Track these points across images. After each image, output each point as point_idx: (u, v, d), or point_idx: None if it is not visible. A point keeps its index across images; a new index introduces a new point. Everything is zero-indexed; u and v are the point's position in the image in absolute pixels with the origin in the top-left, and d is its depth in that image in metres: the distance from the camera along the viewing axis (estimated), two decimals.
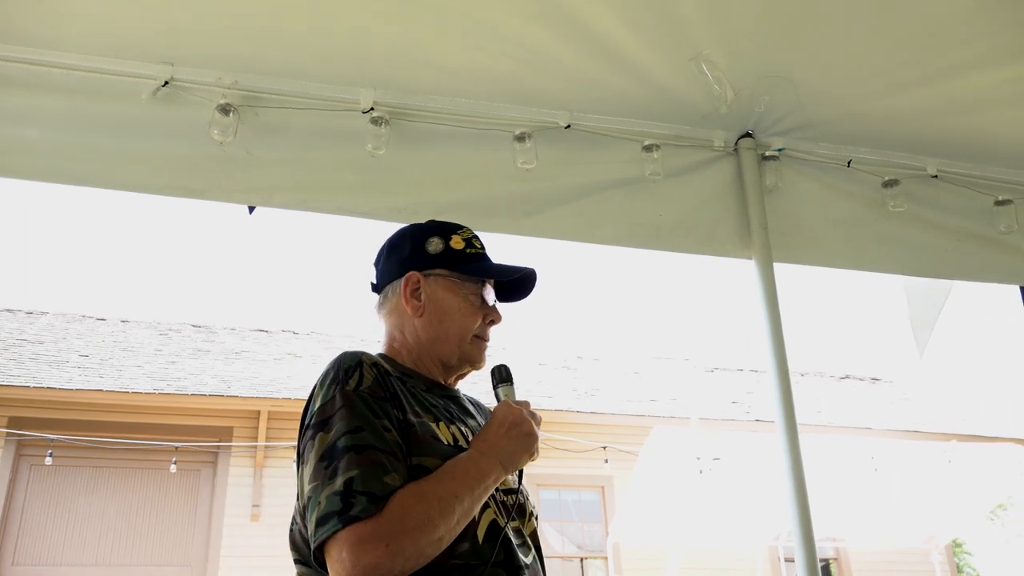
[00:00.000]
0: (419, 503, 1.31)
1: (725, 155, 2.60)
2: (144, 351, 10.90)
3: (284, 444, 9.33)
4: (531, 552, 1.49)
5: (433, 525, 1.30)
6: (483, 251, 1.69)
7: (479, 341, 1.63)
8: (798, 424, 2.32)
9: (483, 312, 1.63)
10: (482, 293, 1.64)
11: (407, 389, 1.50)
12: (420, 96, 2.31)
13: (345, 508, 1.28)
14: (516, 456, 1.44)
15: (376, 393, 1.42)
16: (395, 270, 1.66)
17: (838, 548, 11.18)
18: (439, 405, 1.55)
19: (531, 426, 1.47)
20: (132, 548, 8.94)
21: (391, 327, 1.66)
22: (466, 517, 1.36)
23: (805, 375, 14.10)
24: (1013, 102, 2.46)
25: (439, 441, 1.44)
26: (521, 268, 1.67)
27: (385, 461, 1.33)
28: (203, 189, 2.19)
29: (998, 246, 2.77)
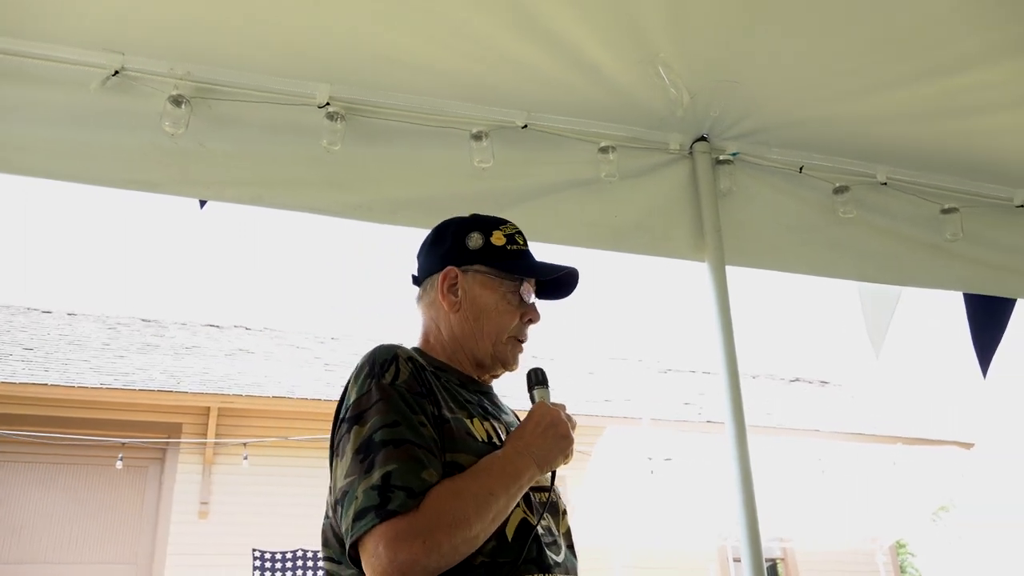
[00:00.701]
0: (455, 500, 1.30)
1: (680, 158, 2.62)
2: (91, 345, 10.69)
3: (234, 441, 9.21)
4: (563, 550, 1.49)
5: (469, 522, 1.29)
6: (525, 248, 1.67)
7: (515, 342, 1.62)
8: (748, 425, 2.35)
9: (521, 311, 1.62)
10: (521, 292, 1.62)
11: (441, 384, 1.49)
12: (377, 92, 2.30)
13: (383, 503, 1.27)
14: (551, 456, 1.44)
15: (412, 388, 1.41)
16: (435, 264, 1.65)
17: (785, 548, 11.33)
18: (473, 401, 1.54)
19: (567, 428, 1.47)
20: (76, 546, 8.76)
21: (428, 321, 1.64)
22: (501, 515, 1.35)
23: (756, 377, 14.28)
24: (959, 113, 2.51)
25: (473, 438, 1.43)
26: (562, 267, 1.65)
27: (422, 456, 1.33)
28: (153, 182, 2.15)
29: (943, 253, 2.83)
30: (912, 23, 2.19)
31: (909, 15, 2.17)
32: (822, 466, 9.95)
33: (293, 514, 9.12)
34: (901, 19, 2.18)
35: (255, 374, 10.40)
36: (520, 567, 1.37)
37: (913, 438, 11.54)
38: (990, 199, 2.88)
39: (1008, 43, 2.25)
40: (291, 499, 9.27)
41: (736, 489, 2.28)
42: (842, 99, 2.47)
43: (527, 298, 1.62)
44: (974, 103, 2.47)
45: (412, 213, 2.33)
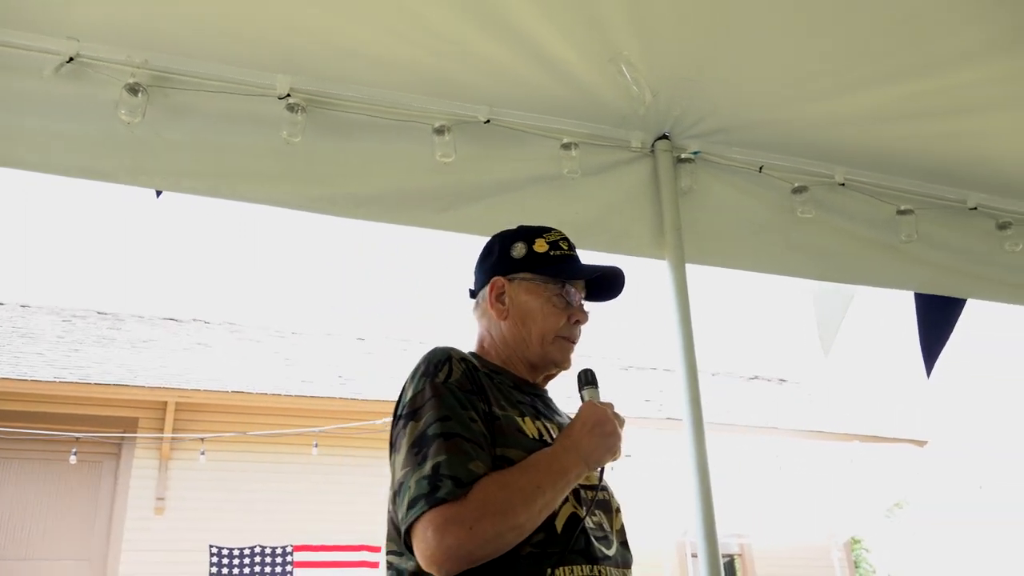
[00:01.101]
0: (502, 491, 1.38)
1: (642, 156, 2.63)
2: (45, 338, 10.49)
3: (192, 436, 9.10)
4: (614, 546, 1.54)
5: (515, 512, 1.36)
6: (569, 252, 1.74)
7: (563, 342, 1.69)
8: (706, 422, 2.36)
9: (567, 312, 1.69)
10: (565, 294, 1.69)
11: (494, 384, 1.57)
12: (339, 84, 2.28)
13: (432, 491, 1.35)
14: (598, 453, 1.49)
15: (464, 386, 1.50)
16: (484, 276, 1.75)
17: (743, 544, 11.46)
18: (525, 401, 1.62)
19: (614, 426, 1.52)
20: (28, 542, 8.60)
21: (482, 329, 1.74)
22: (547, 508, 1.41)
23: (716, 375, 14.40)
24: (916, 116, 2.55)
25: (523, 434, 1.51)
26: (602, 267, 1.73)
27: (470, 449, 1.41)
28: (108, 171, 2.11)
29: (898, 254, 2.87)
30: (871, 29, 2.23)
31: (868, 22, 2.20)
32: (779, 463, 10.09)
33: (251, 510, 9.04)
34: (861, 25, 2.22)
35: (213, 368, 10.28)
36: (567, 557, 1.43)
37: (868, 436, 11.73)
38: (944, 201, 2.93)
39: (963, 51, 2.29)
40: (249, 495, 9.19)
41: (693, 485, 2.29)
42: (802, 101, 2.50)
43: (572, 300, 1.70)
44: (930, 107, 2.52)
45: (374, 207, 2.32)
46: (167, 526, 8.91)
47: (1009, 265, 3.01)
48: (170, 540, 8.74)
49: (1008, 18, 2.20)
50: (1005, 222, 3.00)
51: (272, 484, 9.29)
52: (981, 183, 2.92)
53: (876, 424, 12.73)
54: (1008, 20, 2.20)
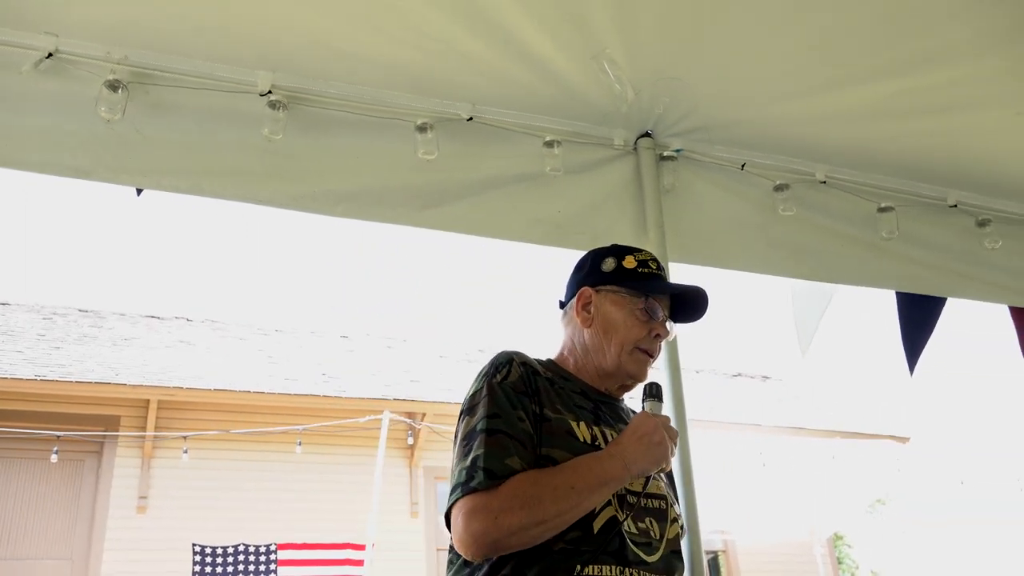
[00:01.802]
0: (532, 487, 1.46)
1: (624, 154, 2.63)
2: (26, 336, 10.40)
3: (174, 434, 9.05)
4: (658, 553, 1.58)
5: (542, 508, 1.44)
6: (657, 271, 1.81)
7: (640, 354, 1.75)
8: (690, 419, 2.37)
9: (649, 326, 1.75)
10: (649, 308, 1.75)
11: (555, 389, 1.66)
12: (320, 81, 2.27)
13: (468, 480, 1.47)
14: (643, 462, 1.53)
15: (518, 387, 1.59)
16: (575, 287, 1.84)
17: (726, 541, 11.51)
18: (587, 407, 1.68)
19: (662, 437, 1.55)
20: (8, 540, 8.54)
21: (566, 337, 1.83)
22: (580, 509, 1.47)
23: (700, 372, 14.45)
24: (897, 114, 2.57)
25: (573, 437, 1.58)
26: (685, 286, 1.80)
27: (510, 445, 1.51)
28: (87, 169, 2.08)
29: (879, 252, 2.89)
30: (852, 28, 2.24)
31: (849, 20, 2.22)
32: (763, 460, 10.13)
33: (234, 508, 9.01)
34: (842, 24, 2.23)
35: (196, 366, 10.23)
36: (598, 557, 1.49)
37: (851, 432, 11.80)
38: (924, 198, 2.95)
39: (944, 49, 2.30)
40: (232, 493, 9.16)
41: (677, 483, 2.30)
42: (784, 99, 2.51)
43: (655, 314, 1.76)
44: (911, 105, 2.53)
45: (355, 204, 2.31)
46: (150, 525, 8.86)
47: (989, 263, 3.03)
48: (153, 539, 8.69)
49: (989, 17, 2.21)
50: (984, 219, 3.02)
51: (256, 482, 9.25)
52: (961, 180, 2.94)
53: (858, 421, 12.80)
54: (989, 19, 2.22)
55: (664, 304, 1.79)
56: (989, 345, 9.93)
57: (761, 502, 10.16)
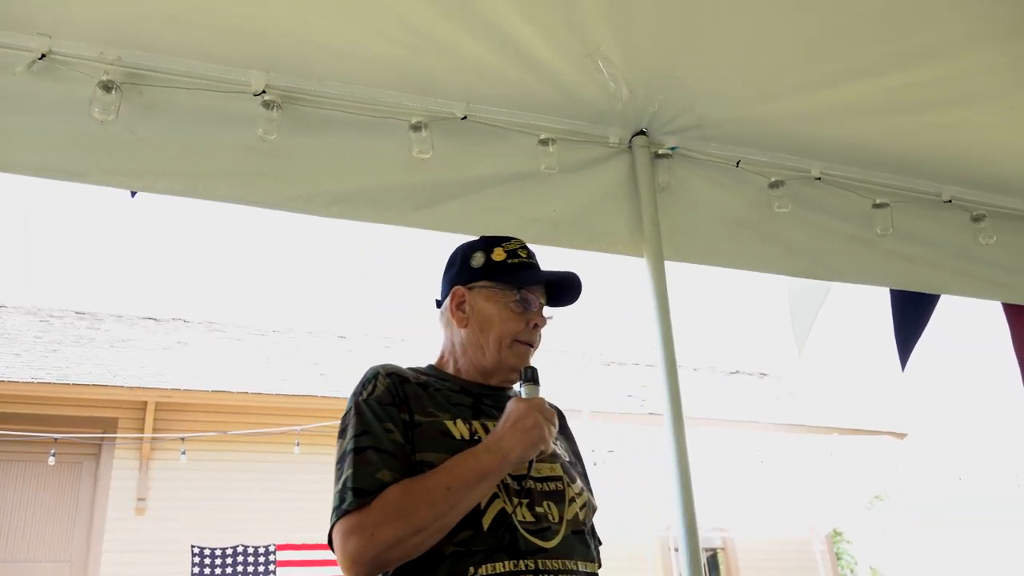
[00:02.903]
0: (405, 496, 1.46)
1: (619, 152, 2.63)
2: (23, 338, 10.39)
3: (172, 436, 9.05)
4: (558, 536, 1.56)
5: (417, 515, 1.44)
6: (527, 260, 1.81)
7: (519, 346, 1.75)
8: (688, 417, 2.37)
9: (525, 318, 1.75)
10: (523, 300, 1.75)
11: (428, 392, 1.65)
12: (314, 80, 2.26)
13: (339, 503, 1.48)
14: (518, 449, 1.52)
15: (384, 400, 1.59)
16: (447, 287, 1.83)
17: (725, 538, 11.52)
18: (466, 403, 1.68)
19: (535, 419, 1.54)
20: (6, 543, 8.53)
21: (445, 339, 1.82)
22: (458, 508, 1.46)
23: (697, 370, 14.46)
24: (891, 110, 2.57)
25: (449, 437, 1.58)
26: (556, 273, 1.79)
27: (378, 460, 1.51)
28: (82, 171, 2.08)
29: (874, 248, 2.89)
30: (846, 24, 2.24)
31: (843, 16, 2.21)
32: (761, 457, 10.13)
33: (232, 509, 9.00)
34: (836, 19, 2.23)
35: (193, 367, 10.22)
36: (491, 555, 1.47)
37: (849, 429, 11.81)
38: (919, 194, 2.95)
39: (938, 45, 2.31)
40: (230, 495, 9.15)
41: (674, 480, 2.30)
42: (779, 96, 2.51)
43: (530, 305, 1.75)
44: (906, 101, 2.53)
45: (350, 206, 2.30)
46: (148, 527, 8.85)
47: (983, 259, 3.03)
48: (151, 540, 8.68)
49: (983, 12, 2.21)
50: (979, 215, 3.02)
51: (254, 483, 9.25)
52: (956, 176, 2.94)
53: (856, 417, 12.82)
54: (983, 14, 2.22)
55: (539, 292, 1.79)
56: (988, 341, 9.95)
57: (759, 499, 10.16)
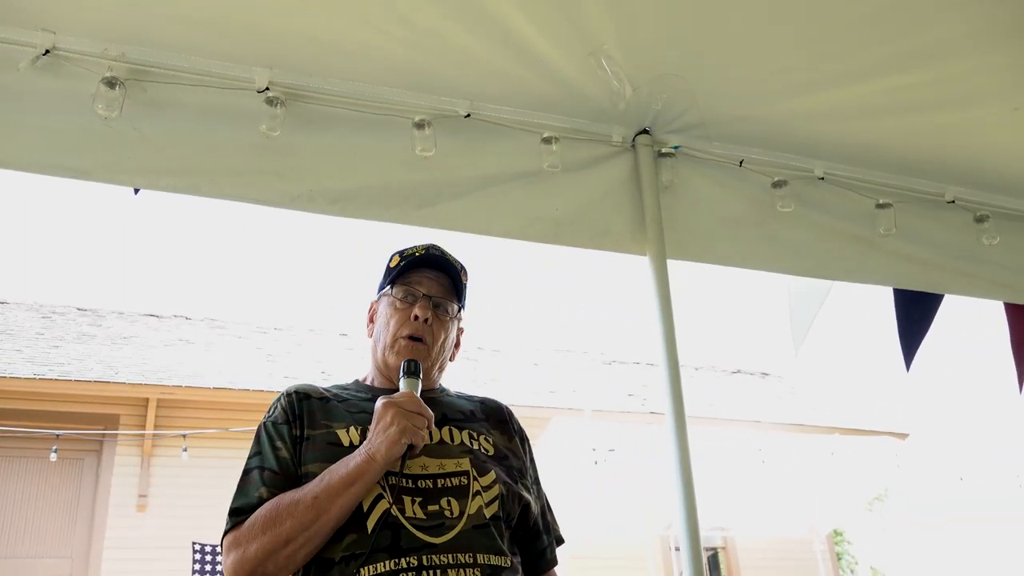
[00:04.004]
0: (272, 510, 1.53)
1: (623, 151, 2.63)
2: (24, 335, 10.41)
3: (173, 432, 9.06)
4: (454, 531, 1.55)
5: (282, 527, 1.50)
6: (416, 256, 1.85)
7: (403, 342, 1.77)
8: (689, 416, 2.37)
9: (408, 312, 1.79)
10: (405, 294, 1.81)
11: (330, 405, 1.71)
12: (318, 78, 2.26)
13: (226, 524, 1.58)
14: (383, 448, 1.53)
15: (279, 420, 1.69)
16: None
17: (726, 538, 11.52)
18: (370, 410, 1.64)
19: (392, 415, 1.55)
20: (9, 539, 8.55)
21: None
22: (327, 515, 1.50)
23: (699, 369, 14.46)
24: (896, 110, 2.56)
25: (336, 446, 1.62)
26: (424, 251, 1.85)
27: (260, 478, 1.60)
28: (85, 169, 2.07)
29: (877, 248, 2.88)
30: (850, 23, 2.23)
31: (847, 16, 2.21)
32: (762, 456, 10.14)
33: None
34: (840, 19, 2.22)
35: (195, 364, 10.23)
36: (372, 556, 1.49)
37: (850, 429, 11.80)
38: (922, 194, 2.95)
39: (941, 44, 2.30)
40: (232, 492, 9.14)
41: (675, 479, 2.30)
42: (783, 95, 2.50)
43: (410, 297, 1.80)
44: (909, 101, 2.53)
45: (352, 204, 2.30)
46: (150, 523, 8.87)
47: (986, 259, 3.03)
48: (153, 537, 8.70)
49: (986, 12, 2.21)
50: (983, 215, 3.01)
51: None
52: (959, 176, 2.94)
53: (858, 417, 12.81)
54: (986, 14, 2.22)
55: (426, 284, 1.82)
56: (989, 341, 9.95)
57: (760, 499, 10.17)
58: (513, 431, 1.87)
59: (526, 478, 1.79)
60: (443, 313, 1.82)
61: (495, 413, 1.88)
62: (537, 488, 1.84)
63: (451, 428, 1.74)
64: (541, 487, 1.88)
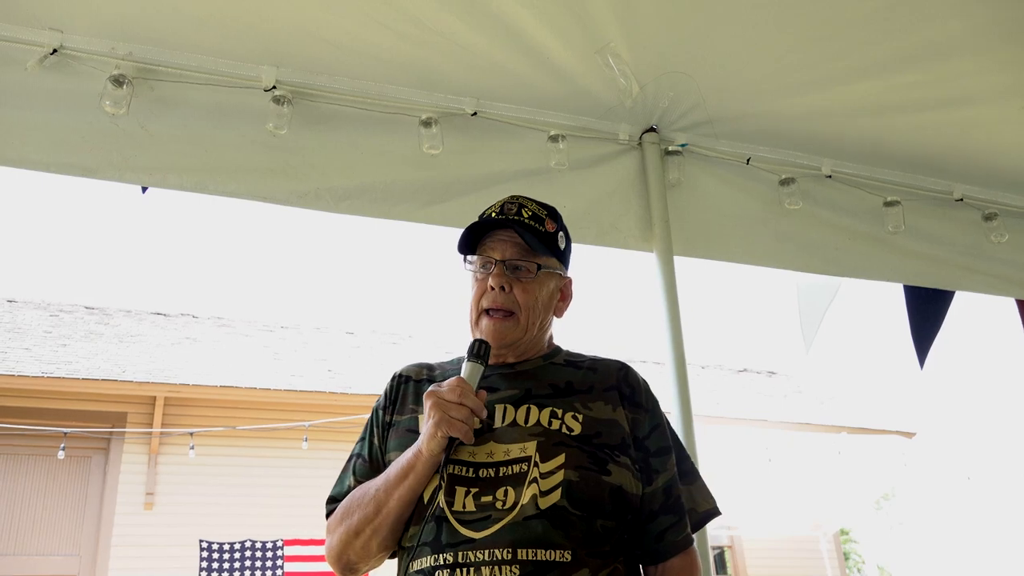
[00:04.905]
0: (348, 501, 1.58)
1: (630, 148, 2.63)
2: (33, 333, 10.44)
3: (180, 431, 9.08)
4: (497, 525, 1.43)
5: (351, 519, 1.54)
6: (484, 217, 1.68)
7: (483, 318, 1.62)
8: (696, 415, 2.37)
9: (483, 280, 1.63)
10: (482, 263, 1.65)
11: (423, 388, 1.63)
12: (325, 76, 2.26)
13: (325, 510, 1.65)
14: (425, 442, 1.47)
15: (379, 405, 1.68)
16: None
17: (732, 536, 11.50)
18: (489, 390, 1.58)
19: (432, 408, 1.46)
20: (16, 537, 8.58)
21: None
22: (388, 508, 1.50)
23: (705, 368, 14.45)
24: (903, 107, 2.56)
25: (414, 432, 1.57)
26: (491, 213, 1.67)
27: (355, 465, 1.64)
28: (93, 167, 2.08)
29: (885, 246, 2.88)
30: (857, 21, 2.23)
31: (854, 13, 2.21)
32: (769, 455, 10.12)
33: (240, 504, 9.03)
34: (847, 16, 2.22)
35: (202, 363, 10.25)
36: (421, 550, 1.46)
37: (857, 427, 11.78)
38: (930, 192, 2.94)
39: (948, 42, 2.30)
40: (238, 489, 9.18)
41: None
42: (789, 93, 2.50)
43: (482, 267, 1.64)
44: (916, 99, 2.52)
45: (359, 202, 2.30)
46: (157, 521, 8.89)
47: (995, 257, 3.02)
48: (160, 535, 8.72)
49: (993, 9, 2.20)
50: (991, 213, 3.01)
51: (262, 478, 9.27)
52: (967, 174, 2.93)
53: (865, 416, 12.79)
54: (993, 11, 2.21)
55: (507, 245, 1.64)
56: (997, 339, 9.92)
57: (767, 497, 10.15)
58: (622, 397, 1.64)
59: (627, 454, 1.57)
60: (525, 275, 1.64)
61: (604, 379, 1.67)
62: (663, 460, 1.61)
63: (530, 406, 1.57)
64: (671, 458, 1.64)
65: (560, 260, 1.71)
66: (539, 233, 1.65)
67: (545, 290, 1.67)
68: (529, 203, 1.70)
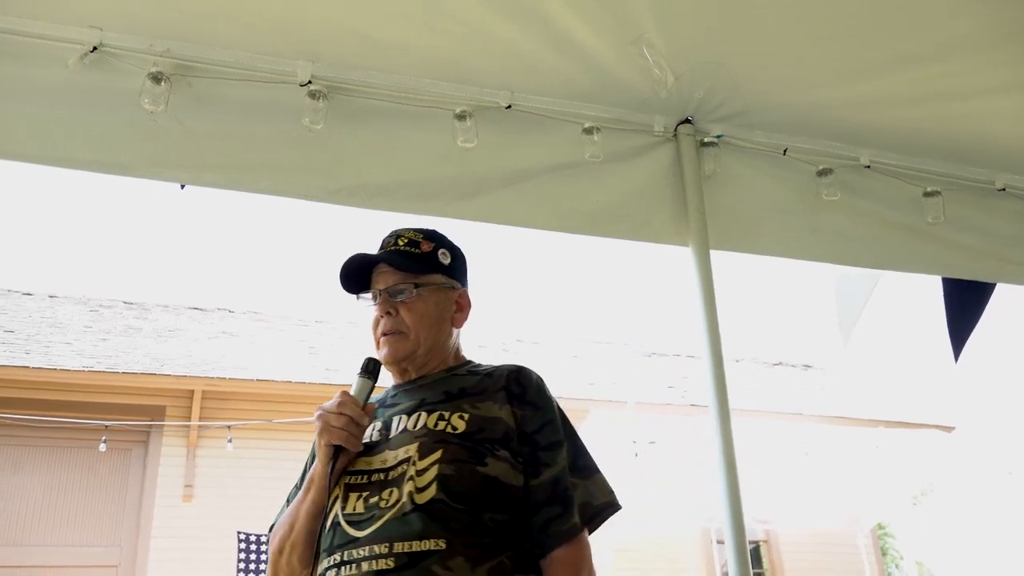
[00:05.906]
0: (276, 525, 1.73)
1: (664, 140, 2.60)
2: (73, 328, 10.61)
3: (218, 424, 9.19)
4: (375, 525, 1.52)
5: (275, 539, 1.68)
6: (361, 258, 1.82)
7: (387, 339, 1.77)
8: (731, 409, 2.35)
9: (375, 315, 1.80)
10: (371, 300, 1.81)
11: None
12: (359, 71, 2.27)
13: None
14: (317, 450, 1.65)
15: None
16: None
17: (768, 531, 11.42)
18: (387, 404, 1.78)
19: (317, 419, 1.64)
20: (58, 528, 8.74)
21: None
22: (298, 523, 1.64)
23: (740, 361, 14.33)
24: (943, 97, 2.51)
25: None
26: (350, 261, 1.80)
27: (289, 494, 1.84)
28: (131, 165, 2.10)
29: (925, 237, 2.83)
30: (895, 9, 2.19)
31: (893, 1, 2.17)
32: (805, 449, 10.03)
33: (278, 496, 9.02)
34: (884, 5, 2.18)
35: (239, 357, 10.36)
36: (319, 556, 1.59)
37: (894, 421, 11.63)
38: (972, 182, 2.88)
39: (990, 29, 2.25)
40: (276, 482, 9.21)
41: (719, 472, 2.28)
42: (826, 82, 2.47)
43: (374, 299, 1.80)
44: (957, 87, 2.47)
45: (393, 198, 2.31)
46: (195, 513, 9.01)
47: None
48: (199, 526, 8.84)
49: None
50: None
51: (298, 471, 9.33)
52: (1010, 164, 2.87)
53: (902, 410, 12.62)
54: None
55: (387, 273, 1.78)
56: None
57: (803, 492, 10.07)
58: (511, 396, 1.68)
59: (508, 447, 1.61)
60: (409, 297, 1.75)
61: (496, 382, 1.72)
62: (552, 454, 1.64)
63: (421, 413, 1.67)
64: (561, 452, 1.66)
65: (447, 274, 1.82)
66: (413, 255, 1.78)
67: (430, 305, 1.78)
68: (406, 231, 1.83)
